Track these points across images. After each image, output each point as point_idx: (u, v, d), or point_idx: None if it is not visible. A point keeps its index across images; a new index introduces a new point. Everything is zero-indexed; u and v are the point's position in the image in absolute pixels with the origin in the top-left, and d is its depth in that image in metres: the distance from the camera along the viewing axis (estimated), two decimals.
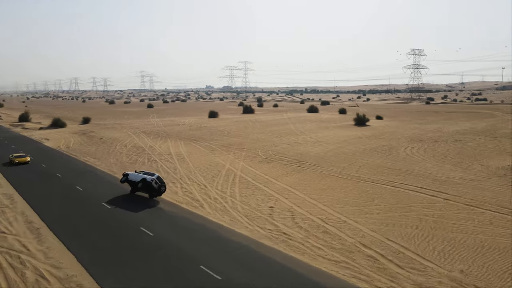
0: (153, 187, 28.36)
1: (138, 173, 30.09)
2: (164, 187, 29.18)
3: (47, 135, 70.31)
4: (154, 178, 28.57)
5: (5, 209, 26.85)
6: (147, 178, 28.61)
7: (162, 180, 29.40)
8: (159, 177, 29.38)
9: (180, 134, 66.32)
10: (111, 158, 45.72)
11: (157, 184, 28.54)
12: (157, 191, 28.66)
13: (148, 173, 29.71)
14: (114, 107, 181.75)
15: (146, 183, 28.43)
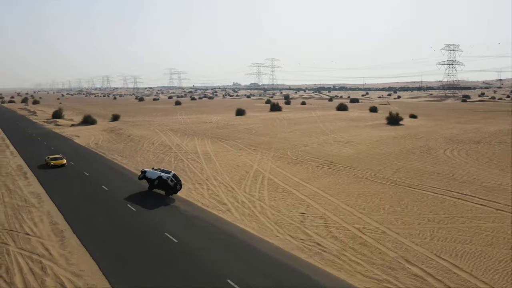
0: (169, 184, 28.49)
1: (156, 171, 30.24)
2: (180, 185, 29.16)
3: (78, 132, 71.39)
4: (170, 176, 28.73)
5: (32, 208, 26.55)
6: (163, 175, 28.83)
7: (178, 178, 29.36)
8: (175, 175, 29.43)
9: (207, 132, 65.54)
10: (138, 157, 45.32)
11: (172, 182, 28.59)
12: (173, 189, 28.71)
13: (165, 171, 29.87)
14: (143, 104, 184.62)
15: (162, 181, 28.70)
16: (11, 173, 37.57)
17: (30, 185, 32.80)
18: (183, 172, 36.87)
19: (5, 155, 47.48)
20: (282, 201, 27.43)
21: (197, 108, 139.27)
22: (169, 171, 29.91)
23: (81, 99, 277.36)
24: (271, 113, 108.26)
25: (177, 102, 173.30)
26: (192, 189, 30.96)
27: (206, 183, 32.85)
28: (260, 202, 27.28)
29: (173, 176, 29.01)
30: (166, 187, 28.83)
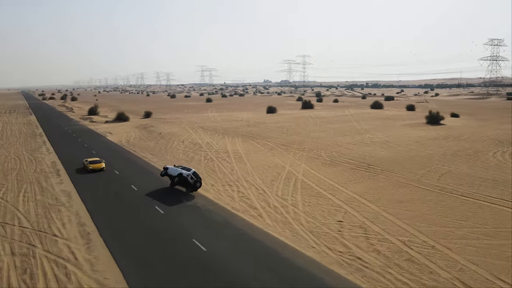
0: (189, 182, 28.81)
1: (177, 168, 30.73)
2: (200, 183, 29.56)
3: (111, 128, 72.40)
4: (190, 174, 29.06)
5: (62, 207, 26.26)
6: (183, 173, 29.17)
7: (198, 176, 29.75)
8: (195, 172, 29.79)
9: (237, 130, 64.44)
10: (168, 155, 44.79)
11: (192, 179, 28.89)
12: (193, 186, 28.99)
13: (185, 168, 30.32)
14: (175, 101, 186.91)
15: (182, 178, 29.04)
16: (45, 170, 37.95)
17: (62, 183, 32.80)
18: (213, 172, 35.79)
19: (41, 152, 48.41)
20: (317, 206, 25.64)
21: (228, 106, 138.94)
22: (190, 169, 30.18)
23: (116, 96, 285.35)
24: (303, 111, 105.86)
25: (208, 99, 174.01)
26: (222, 191, 29.74)
27: (236, 184, 31.55)
28: (294, 207, 25.62)
29: (193, 173, 29.32)
30: (186, 184, 29.16)
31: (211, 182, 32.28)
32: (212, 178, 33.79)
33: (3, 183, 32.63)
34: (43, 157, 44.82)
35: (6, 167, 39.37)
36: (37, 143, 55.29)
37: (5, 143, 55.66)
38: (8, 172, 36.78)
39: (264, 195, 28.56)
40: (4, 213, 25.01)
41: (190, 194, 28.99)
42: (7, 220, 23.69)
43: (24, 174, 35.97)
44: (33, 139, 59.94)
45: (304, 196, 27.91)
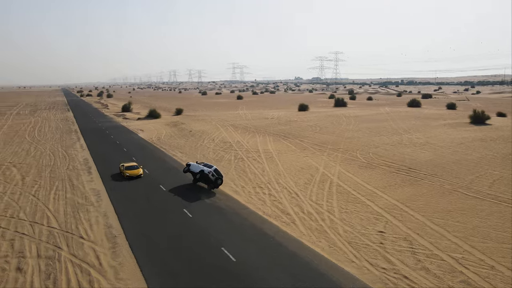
0: (210, 179, 28.97)
1: (199, 165, 30.77)
2: (221, 180, 29.47)
3: (143, 125, 72.96)
4: (211, 171, 29.11)
5: (90, 207, 25.83)
6: (205, 170, 29.38)
7: (220, 173, 29.61)
8: (217, 169, 29.69)
9: (268, 129, 62.94)
10: (198, 154, 44.01)
11: (214, 176, 28.99)
12: (214, 183, 29.11)
13: (207, 165, 30.23)
14: (206, 98, 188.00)
15: (204, 175, 29.31)
16: (77, 167, 38.13)
17: (92, 181, 32.63)
18: (243, 173, 34.51)
19: (75, 148, 49.07)
20: (355, 214, 23.71)
21: (259, 103, 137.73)
22: (211, 165, 30.08)
23: (149, 93, 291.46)
24: (336, 109, 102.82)
25: (239, 97, 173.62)
26: (253, 194, 28.37)
27: (267, 187, 30.08)
28: (329, 214, 23.83)
29: (215, 170, 29.34)
30: (207, 181, 29.37)
31: (241, 184, 31.01)
32: (243, 179, 32.51)
33: (36, 180, 32.88)
34: (77, 153, 45.31)
35: (41, 163, 39.95)
36: (72, 140, 56.30)
37: (42, 139, 57.07)
38: (43, 169, 37.21)
39: (297, 199, 26.92)
40: (34, 212, 24.86)
41: (218, 196, 27.86)
42: (37, 219, 23.45)
43: (57, 171, 36.23)
44: (68, 135, 61.22)
45: (340, 202, 26.03)
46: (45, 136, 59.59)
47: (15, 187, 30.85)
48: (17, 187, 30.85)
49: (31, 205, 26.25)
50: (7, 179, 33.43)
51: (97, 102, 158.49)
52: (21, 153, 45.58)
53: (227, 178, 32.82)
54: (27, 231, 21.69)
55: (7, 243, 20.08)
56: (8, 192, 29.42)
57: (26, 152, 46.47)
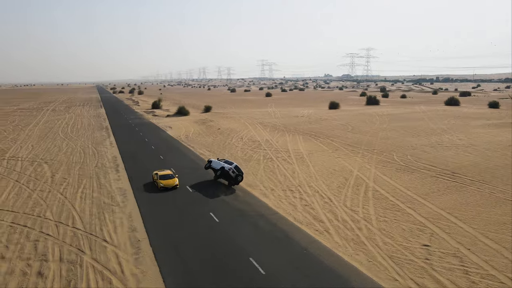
0: (230, 175, 29.12)
1: (220, 161, 31.16)
2: (241, 177, 29.51)
3: (171, 123, 72.95)
4: (232, 167, 29.31)
5: (116, 208, 25.20)
6: (226, 166, 29.56)
7: (240, 170, 29.62)
8: (237, 166, 29.77)
9: (298, 127, 61.08)
10: (225, 152, 42.92)
11: (234, 173, 29.13)
12: (234, 179, 29.24)
13: (228, 162, 30.46)
14: (234, 95, 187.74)
15: (224, 171, 29.47)
16: (105, 164, 37.96)
17: (119, 180, 32.17)
18: (273, 174, 33.02)
19: (105, 145, 49.29)
20: (395, 223, 21.70)
21: (288, 100, 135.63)
22: (232, 162, 30.26)
23: (179, 90, 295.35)
24: (368, 107, 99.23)
25: (268, 94, 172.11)
26: (283, 198, 26.84)
27: (298, 190, 28.45)
28: (366, 222, 21.94)
29: (235, 167, 29.49)
30: (228, 177, 29.47)
31: (271, 186, 29.54)
32: (272, 181, 31.03)
33: (65, 178, 32.83)
34: (106, 151, 45.39)
35: (71, 160, 40.15)
36: (102, 136, 56.80)
37: (75, 135, 57.95)
38: (72, 166, 37.28)
39: (330, 204, 25.15)
40: (61, 211, 24.48)
41: (247, 199, 26.54)
42: (62, 219, 23.00)
43: (86, 168, 36.16)
44: (99, 132, 61.94)
45: (378, 209, 24.04)
46: (77, 133, 60.54)
47: (44, 184, 30.84)
48: (47, 184, 30.83)
49: (58, 203, 25.96)
50: (38, 176, 33.60)
51: (128, 99, 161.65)
52: (53, 150, 46.21)
53: (256, 179, 31.48)
54: (52, 231, 21.21)
55: (31, 244, 19.62)
56: (38, 189, 29.40)
57: (58, 148, 47.09)
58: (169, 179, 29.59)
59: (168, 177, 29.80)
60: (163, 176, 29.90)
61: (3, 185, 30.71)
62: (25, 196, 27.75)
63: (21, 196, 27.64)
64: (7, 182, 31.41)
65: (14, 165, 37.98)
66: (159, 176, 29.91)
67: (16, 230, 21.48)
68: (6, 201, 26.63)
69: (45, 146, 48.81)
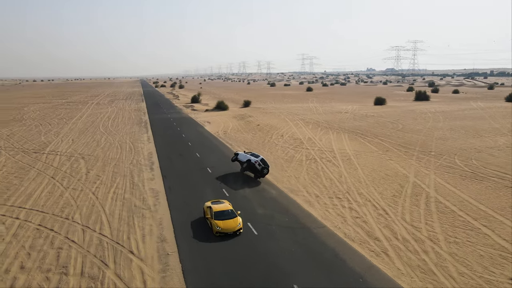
0: (256, 168, 29.27)
1: (247, 154, 31.54)
2: (267, 170, 29.56)
3: (210, 117, 71.41)
4: (257, 160, 29.50)
5: (146, 212, 23.32)
6: (252, 159, 29.81)
7: (266, 163, 29.70)
8: (263, 159, 29.86)
9: (343, 125, 57.10)
10: (265, 151, 40.21)
11: (260, 166, 29.27)
12: (260, 172, 29.32)
13: (254, 155, 30.80)
14: (274, 89, 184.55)
15: (250, 164, 29.71)
16: (140, 162, 36.60)
17: (152, 180, 30.47)
18: (317, 178, 29.88)
19: (142, 141, 48.33)
20: (469, 247, 17.95)
21: (330, 95, 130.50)
22: (258, 155, 30.52)
23: (219, 84, 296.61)
24: (417, 103, 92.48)
25: (309, 88, 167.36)
26: (330, 207, 23.70)
27: (347, 198, 25.17)
28: (433, 243, 18.36)
29: (261, 160, 29.61)
30: (254, 170, 29.68)
31: (315, 192, 26.47)
32: (317, 186, 27.93)
33: (99, 175, 31.67)
34: (143, 146, 44.27)
35: (107, 156, 39.26)
36: (141, 131, 56.14)
37: (114, 130, 57.80)
38: (108, 162, 36.26)
39: (385, 217, 21.71)
40: (90, 213, 22.98)
41: (290, 209, 23.69)
42: (90, 224, 21.41)
43: (121, 165, 34.95)
44: (138, 126, 61.53)
45: (445, 226, 20.30)
46: (117, 127, 60.45)
47: (78, 182, 29.78)
48: (80, 182, 29.75)
49: (88, 204, 24.54)
50: (73, 172, 32.75)
51: (169, 93, 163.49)
52: (92, 144, 45.83)
53: (299, 183, 28.55)
54: (77, 238, 19.58)
55: (54, 252, 18.02)
56: (71, 187, 28.32)
57: (97, 143, 46.67)
58: (229, 218, 20.22)
59: (227, 216, 20.40)
60: (220, 214, 20.43)
61: (39, 181, 30.01)
62: (57, 194, 26.69)
63: (53, 195, 26.60)
64: (43, 179, 30.70)
65: (52, 160, 37.61)
66: (214, 213, 20.57)
67: (42, 234, 20.10)
68: (38, 199, 25.63)
69: (84, 140, 48.66)
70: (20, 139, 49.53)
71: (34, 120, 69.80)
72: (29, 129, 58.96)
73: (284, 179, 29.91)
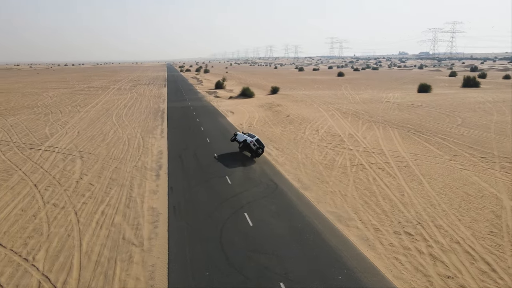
0: (252, 148, 30.82)
1: (244, 134, 32.90)
2: (262, 150, 31.05)
3: (234, 106, 64.32)
4: (253, 140, 30.87)
5: (136, 251, 16.64)
6: (247, 139, 31.18)
7: (261, 143, 31.23)
8: (258, 139, 31.27)
9: (387, 117, 48.57)
10: (298, 152, 32.78)
11: (255, 146, 30.76)
12: (255, 152, 30.88)
13: (251, 135, 32.10)
14: (303, 74, 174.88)
15: (246, 144, 31.12)
16: (146, 164, 30.10)
17: (155, 193, 23.80)
18: (370, 194, 22.22)
19: (154, 135, 41.97)
20: None
21: (363, 81, 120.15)
22: (254, 136, 31.95)
23: (245, 68, 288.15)
24: (466, 90, 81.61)
25: (340, 73, 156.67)
26: (399, 251, 16.13)
27: (421, 234, 17.52)
28: None
29: (256, 140, 31.04)
30: (249, 149, 31.13)
31: (372, 222, 18.96)
32: (372, 210, 20.38)
33: (92, 183, 25.40)
34: (154, 143, 37.85)
35: (110, 155, 33.11)
36: (156, 123, 49.88)
37: (127, 120, 51.90)
38: (108, 164, 30.02)
39: (493, 278, 14.00)
40: (60, 250, 16.59)
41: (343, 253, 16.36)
42: (53, 271, 14.97)
43: (122, 169, 28.60)
44: (154, 116, 55.37)
45: None
46: (131, 117, 54.54)
47: (64, 193, 23.59)
48: (66, 193, 23.54)
49: (63, 234, 18.18)
50: (63, 178, 26.66)
51: (193, 78, 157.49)
52: (97, 138, 39.90)
53: (347, 204, 21.11)
54: None
55: None
56: (51, 202, 22.14)
57: (103, 137, 40.71)
58: None
59: None
60: None
61: (17, 191, 24.07)
62: (30, 213, 20.54)
63: (25, 214, 20.48)
64: (23, 187, 24.74)
65: (45, 159, 31.80)
66: None
67: None
68: (3, 222, 19.54)
69: (91, 133, 42.85)
70: (22, 131, 44.35)
71: (46, 108, 65.12)
72: (37, 118, 54.01)
73: (327, 197, 22.51)
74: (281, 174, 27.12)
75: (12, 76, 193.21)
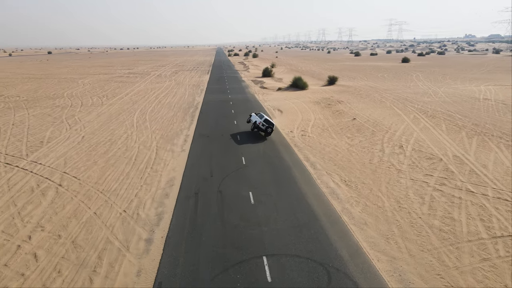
0: (261, 128, 33.25)
1: (256, 115, 35.15)
2: (271, 129, 33.05)
3: (283, 102, 52.24)
4: (261, 121, 33.29)
5: None
6: (257, 120, 33.84)
7: (270, 122, 33.11)
8: (267, 119, 33.22)
9: (501, 125, 33.99)
10: (382, 194, 20.33)
11: (264, 126, 33.08)
12: (265, 131, 33.18)
13: (260, 116, 34.30)
14: (360, 60, 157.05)
15: (256, 125, 33.79)
16: (139, 211, 19.37)
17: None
18: None
19: (175, 145, 31.45)
20: None
21: (436, 69, 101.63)
22: (262, 116, 34.00)
23: (296, 52, 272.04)
24: None
25: (404, 59, 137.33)
26: None
27: None
28: None
29: (265, 120, 33.14)
30: (259, 129, 33.38)
31: None
32: None
33: (37, 256, 15.19)
34: (168, 160, 27.22)
35: (100, 183, 23.02)
36: (183, 124, 39.48)
37: (149, 119, 42.11)
38: (86, 206, 19.79)
39: None
40: None
41: None
42: None
43: (101, 219, 18.18)
44: (183, 114, 45.11)
45: None
46: (156, 114, 44.73)
47: None
48: None
49: None
50: (4, 234, 16.75)
51: (240, 63, 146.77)
52: (100, 149, 30.19)
53: None
54: None
55: None
56: None
57: (109, 146, 30.94)
58: None
59: None
60: None
61: None
62: None
63: None
64: None
65: (12, 186, 22.41)
66: None
67: None
68: None
69: (97, 139, 33.36)
70: (20, 132, 36.01)
71: (70, 98, 57.51)
72: (50, 113, 45.97)
73: None
74: (363, 253, 15.05)
75: (65, 60, 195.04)
